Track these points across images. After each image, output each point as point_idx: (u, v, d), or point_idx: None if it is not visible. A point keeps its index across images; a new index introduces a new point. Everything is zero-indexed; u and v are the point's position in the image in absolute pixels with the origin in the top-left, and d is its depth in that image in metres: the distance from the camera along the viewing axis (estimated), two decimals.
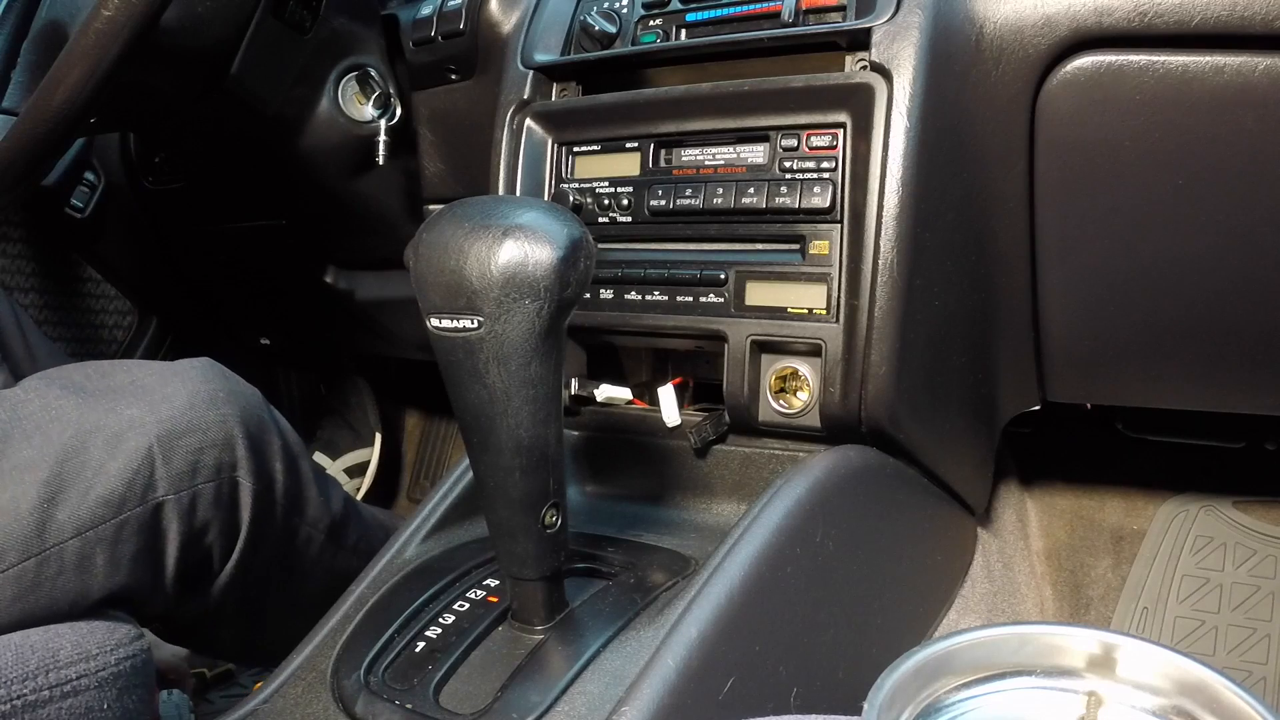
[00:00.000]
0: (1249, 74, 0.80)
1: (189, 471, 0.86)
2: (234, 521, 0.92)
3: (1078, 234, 0.94)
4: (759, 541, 0.77)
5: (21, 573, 0.77)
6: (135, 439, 0.84)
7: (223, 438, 0.89)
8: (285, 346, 1.81)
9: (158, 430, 0.85)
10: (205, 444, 0.88)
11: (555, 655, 0.73)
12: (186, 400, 0.88)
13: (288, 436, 0.98)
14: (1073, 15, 0.83)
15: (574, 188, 1.02)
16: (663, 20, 0.98)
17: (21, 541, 0.77)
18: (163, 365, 0.93)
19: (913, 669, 0.45)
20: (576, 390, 1.00)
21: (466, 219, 0.65)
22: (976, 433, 1.08)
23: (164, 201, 1.55)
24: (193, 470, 0.87)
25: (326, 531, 1.03)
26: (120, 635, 0.79)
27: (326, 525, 1.03)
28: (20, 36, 1.12)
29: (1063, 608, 1.28)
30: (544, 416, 0.68)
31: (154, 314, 1.72)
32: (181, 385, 0.89)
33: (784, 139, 0.90)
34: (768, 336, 0.90)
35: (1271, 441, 1.25)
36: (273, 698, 0.78)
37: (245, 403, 0.93)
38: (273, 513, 0.95)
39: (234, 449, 0.90)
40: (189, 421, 0.87)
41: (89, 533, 0.80)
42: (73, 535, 0.79)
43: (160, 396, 0.87)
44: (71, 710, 0.73)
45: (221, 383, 0.92)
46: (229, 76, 1.12)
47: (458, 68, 1.18)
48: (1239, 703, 0.43)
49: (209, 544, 0.90)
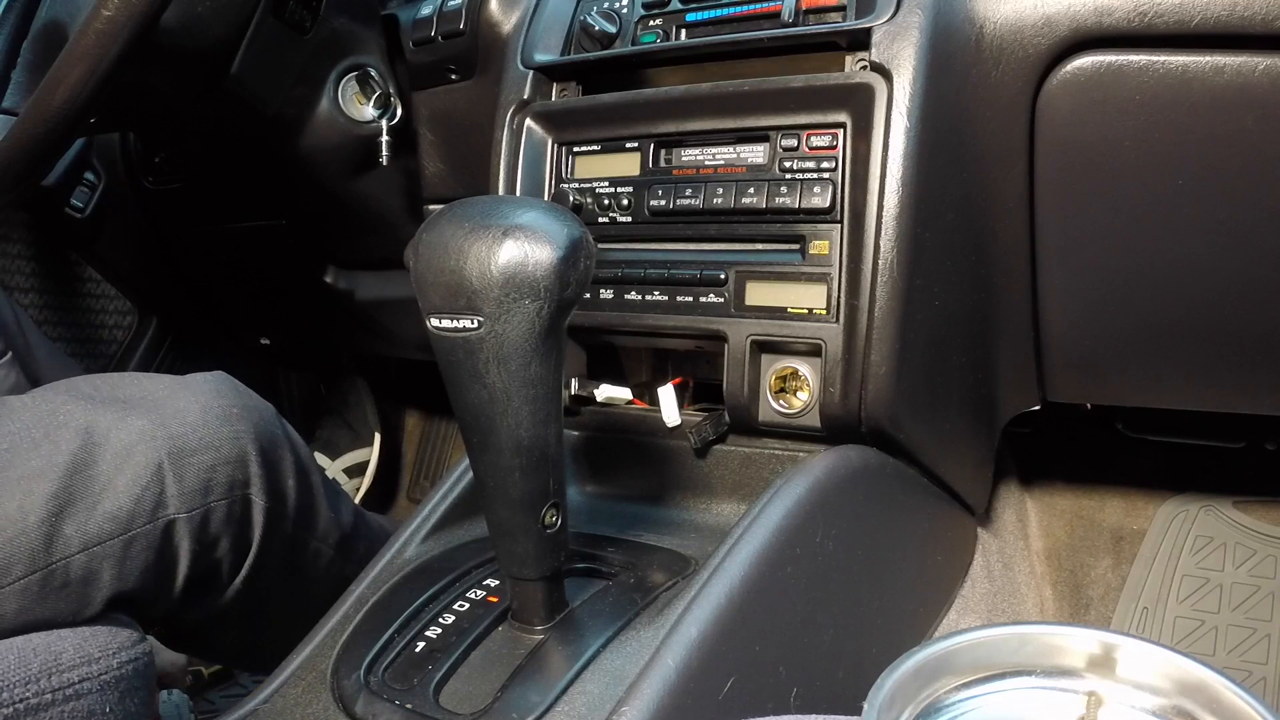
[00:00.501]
0: (1249, 74, 0.80)
1: (201, 489, 0.85)
2: (245, 537, 0.91)
3: (1078, 234, 0.94)
4: (759, 541, 0.77)
5: (27, 586, 0.76)
6: (145, 453, 0.83)
7: (236, 455, 0.88)
8: (285, 346, 1.81)
9: (169, 446, 0.84)
10: (218, 461, 0.86)
11: (555, 655, 0.73)
12: (199, 416, 0.87)
13: (300, 452, 0.97)
14: (1073, 15, 0.83)
15: (574, 188, 1.02)
16: (663, 20, 0.98)
17: (29, 555, 0.76)
18: (174, 379, 0.91)
19: (913, 669, 0.45)
20: (576, 390, 1.00)
21: (466, 219, 0.65)
22: (976, 433, 1.08)
23: (164, 201, 1.55)
24: (205, 488, 0.85)
25: (336, 545, 1.02)
26: (122, 639, 0.79)
27: (336, 540, 1.02)
28: (20, 36, 1.12)
29: (1063, 608, 1.28)
30: (544, 416, 0.68)
31: (154, 314, 1.72)
32: (194, 400, 0.88)
33: (784, 139, 0.90)
34: (768, 336, 0.90)
35: (1271, 441, 1.25)
36: (273, 698, 0.78)
37: (259, 418, 0.92)
38: (283, 528, 0.94)
39: (247, 466, 0.89)
40: (201, 438, 0.86)
41: (96, 548, 0.79)
42: (79, 550, 0.78)
43: (172, 411, 0.86)
44: (74, 714, 0.73)
45: (235, 398, 0.91)
46: (229, 76, 1.12)
47: (458, 68, 1.18)
48: (1239, 703, 0.43)
49: (218, 558, 0.89)
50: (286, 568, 0.97)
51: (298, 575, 0.99)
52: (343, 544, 1.03)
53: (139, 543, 0.81)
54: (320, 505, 1.00)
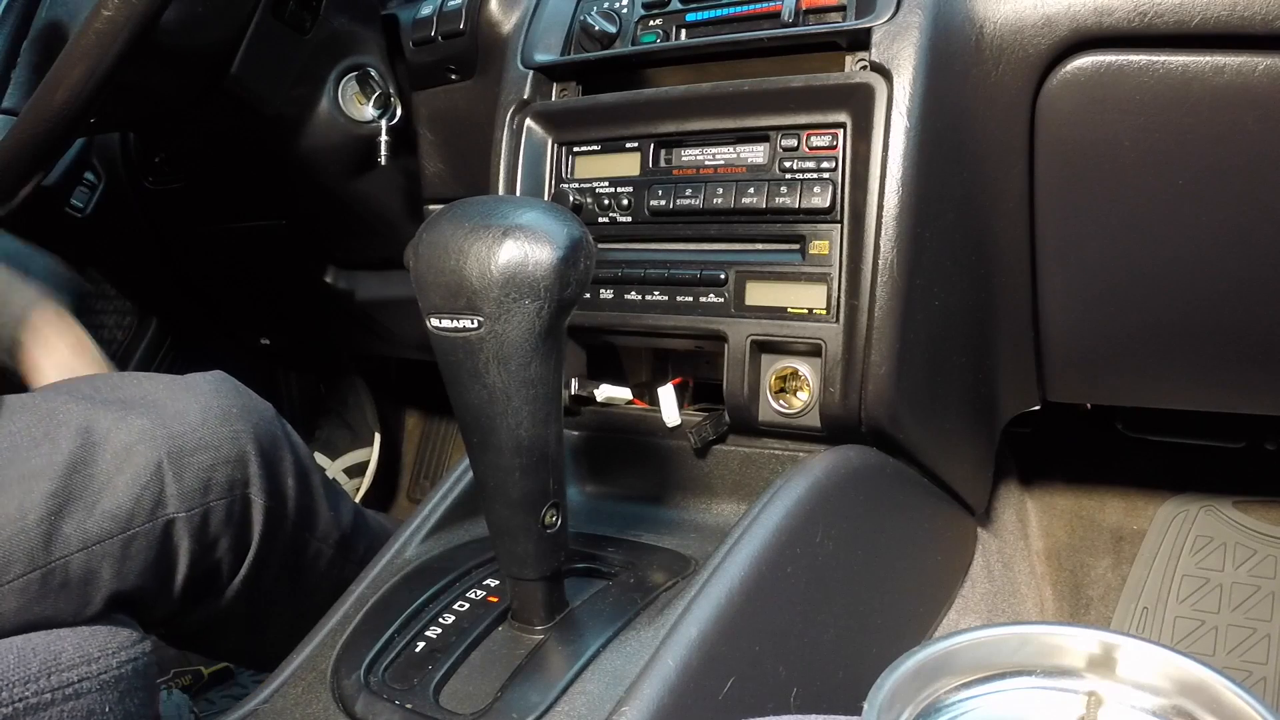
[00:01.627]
0: (1249, 74, 0.80)
1: (201, 489, 0.85)
2: (245, 538, 0.91)
3: (1078, 234, 0.94)
4: (759, 541, 0.77)
5: (26, 584, 0.76)
6: (144, 453, 0.83)
7: (235, 454, 0.88)
8: (285, 346, 1.81)
9: (169, 445, 0.84)
10: (218, 461, 0.87)
11: (555, 655, 0.73)
12: (199, 416, 0.87)
13: (299, 451, 0.97)
14: (1073, 15, 0.83)
15: (574, 188, 1.02)
16: (663, 20, 0.98)
17: (27, 554, 0.76)
18: (174, 378, 0.91)
19: (913, 669, 0.45)
20: (576, 390, 1.00)
21: (466, 219, 0.65)
22: (976, 433, 1.08)
23: (164, 201, 1.54)
24: (205, 488, 0.86)
25: (336, 545, 1.03)
26: (122, 639, 0.79)
27: (336, 539, 1.02)
28: (20, 36, 1.12)
29: (1063, 608, 1.28)
30: (544, 416, 0.68)
31: (154, 314, 1.72)
32: (194, 400, 0.88)
33: (784, 139, 0.90)
34: (768, 336, 0.90)
35: (1271, 441, 1.25)
36: (273, 698, 0.78)
37: (259, 418, 0.92)
38: (283, 528, 0.95)
39: (247, 466, 0.89)
40: (201, 438, 0.86)
41: (95, 547, 0.79)
42: (79, 549, 0.78)
43: (171, 411, 0.86)
44: (73, 713, 0.73)
45: (235, 398, 0.91)
46: (229, 76, 1.12)
47: (458, 68, 1.18)
48: (1239, 703, 0.43)
49: (218, 558, 0.89)
50: (287, 568, 0.97)
51: (298, 575, 0.99)
52: (343, 544, 1.03)
53: (138, 542, 0.81)
54: (320, 505, 1.00)
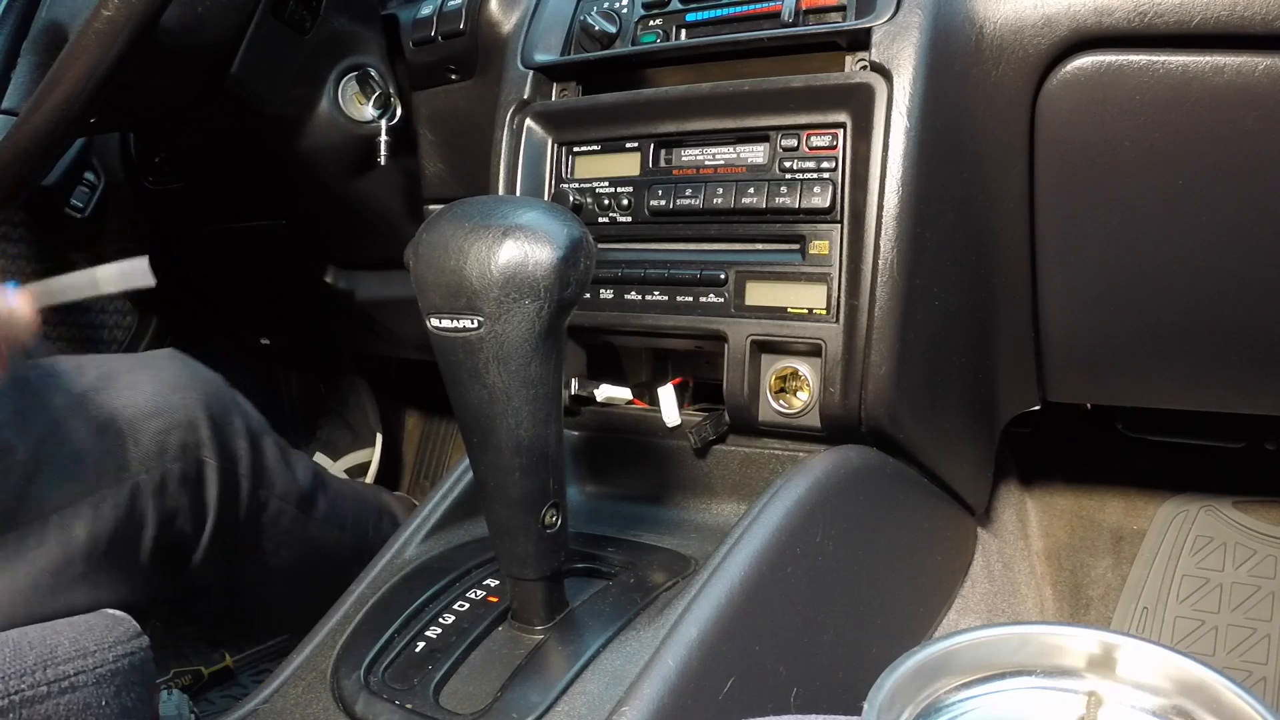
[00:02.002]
0: (1249, 74, 0.80)
1: (157, 452, 0.93)
2: (201, 499, 0.97)
3: (1078, 234, 0.94)
4: (759, 541, 0.77)
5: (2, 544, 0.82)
6: (106, 421, 0.90)
7: (186, 419, 0.96)
8: (285, 346, 1.81)
9: (129, 414, 0.92)
10: (170, 425, 0.94)
11: (555, 655, 0.73)
12: (152, 386, 0.95)
13: (250, 417, 1.04)
14: (1073, 15, 0.83)
15: (574, 188, 1.02)
16: (663, 20, 0.98)
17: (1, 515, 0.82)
18: (132, 356, 1.01)
19: (913, 669, 0.45)
20: (576, 390, 1.00)
21: (466, 219, 0.65)
22: (976, 433, 1.08)
23: (164, 201, 1.55)
24: (160, 450, 0.93)
25: (296, 503, 1.09)
26: (119, 632, 0.79)
27: (296, 498, 1.09)
28: (20, 36, 1.12)
29: (1063, 608, 1.28)
30: (544, 416, 0.68)
31: (154, 314, 1.72)
32: (148, 373, 0.97)
33: (784, 139, 0.90)
34: (768, 336, 0.90)
35: (1271, 441, 1.25)
36: (273, 698, 0.78)
37: (208, 387, 1.00)
38: (239, 488, 1.01)
39: (198, 430, 0.96)
40: (154, 406, 0.94)
41: (68, 509, 0.86)
42: (53, 511, 0.85)
43: (128, 383, 0.94)
44: (69, 706, 0.73)
45: (184, 369, 1.00)
46: (229, 76, 1.12)
47: (458, 68, 1.18)
48: (1239, 703, 0.43)
49: (181, 523, 0.95)
50: (249, 527, 1.04)
51: (261, 534, 1.06)
52: (303, 502, 1.10)
53: (107, 503, 0.88)
54: (274, 465, 1.06)
